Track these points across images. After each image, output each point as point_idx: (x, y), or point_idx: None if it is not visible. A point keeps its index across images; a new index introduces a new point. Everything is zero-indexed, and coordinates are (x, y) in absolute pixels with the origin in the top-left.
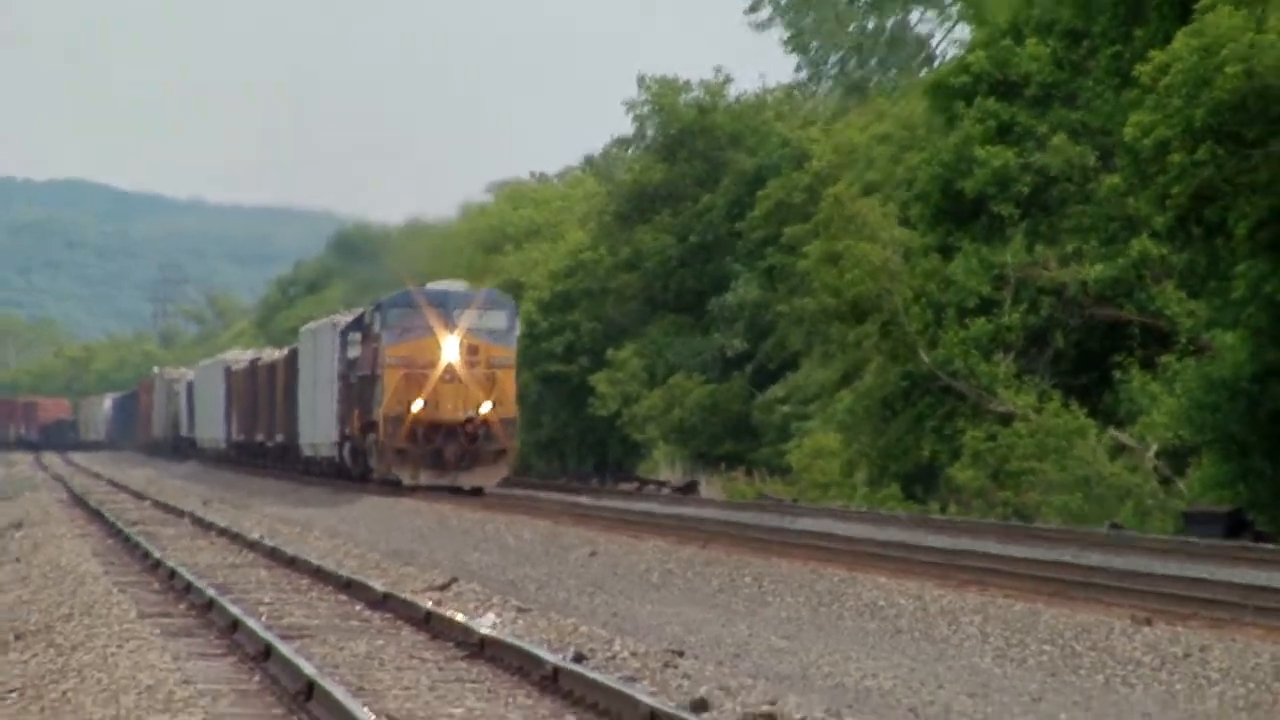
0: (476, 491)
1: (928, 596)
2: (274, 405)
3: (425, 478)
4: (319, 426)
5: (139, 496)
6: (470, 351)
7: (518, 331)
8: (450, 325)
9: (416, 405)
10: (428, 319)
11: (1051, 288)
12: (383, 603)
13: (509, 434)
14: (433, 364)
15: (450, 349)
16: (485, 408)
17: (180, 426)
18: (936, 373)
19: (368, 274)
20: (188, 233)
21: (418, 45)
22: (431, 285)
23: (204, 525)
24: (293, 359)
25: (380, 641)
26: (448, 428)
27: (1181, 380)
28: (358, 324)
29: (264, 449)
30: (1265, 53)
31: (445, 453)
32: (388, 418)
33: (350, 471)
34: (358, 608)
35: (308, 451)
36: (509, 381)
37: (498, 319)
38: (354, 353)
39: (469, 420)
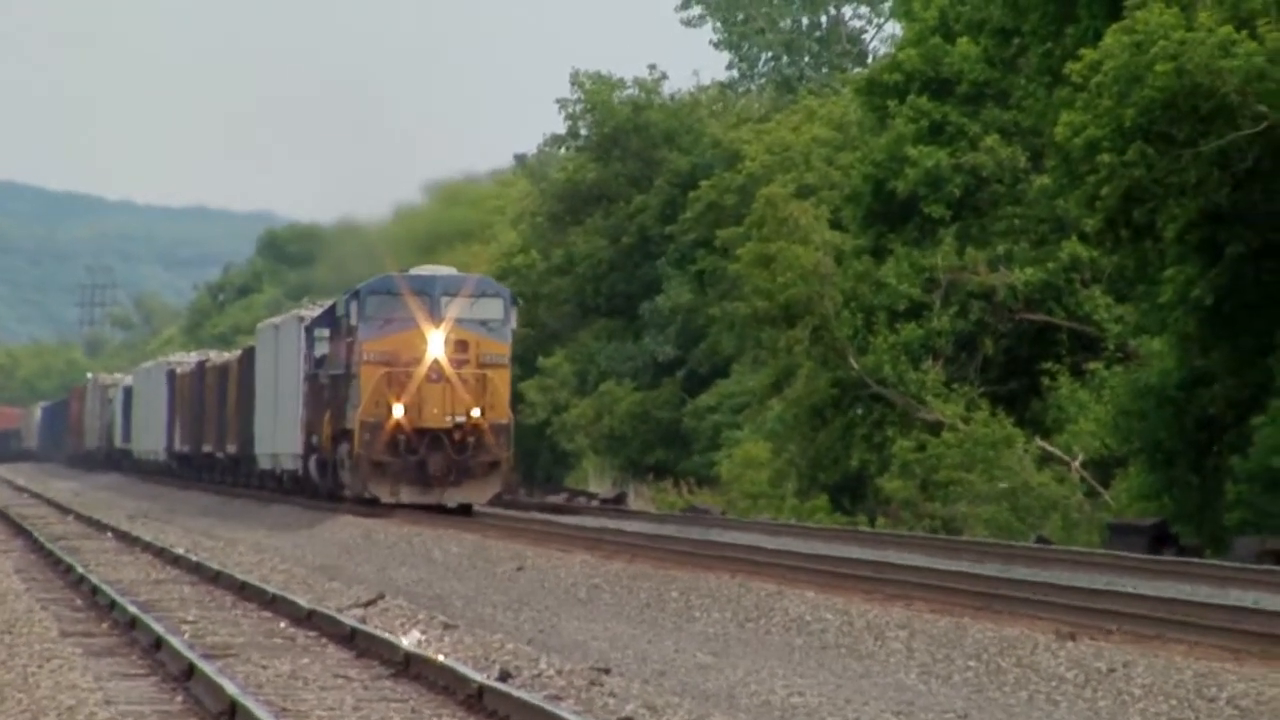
0: (464, 510)
1: (854, 611)
2: (225, 412)
3: (407, 495)
4: (280, 436)
5: (63, 510)
6: (459, 347)
7: (514, 324)
8: (437, 316)
9: (398, 410)
10: (411, 309)
11: (981, 292)
12: (307, 620)
13: (503, 443)
14: (417, 361)
15: (437, 344)
16: (476, 412)
17: (115, 437)
18: (866, 380)
19: (299, 277)
20: (116, 234)
21: (350, 44)
22: (416, 270)
23: (129, 540)
24: (248, 359)
25: (305, 660)
26: (433, 436)
27: (1109, 388)
28: (328, 317)
29: (212, 461)
30: (1195, 50)
31: (430, 465)
32: (364, 424)
33: (317, 487)
34: (282, 625)
35: (266, 464)
36: (504, 382)
37: (491, 309)
38: (323, 350)
39: (458, 427)
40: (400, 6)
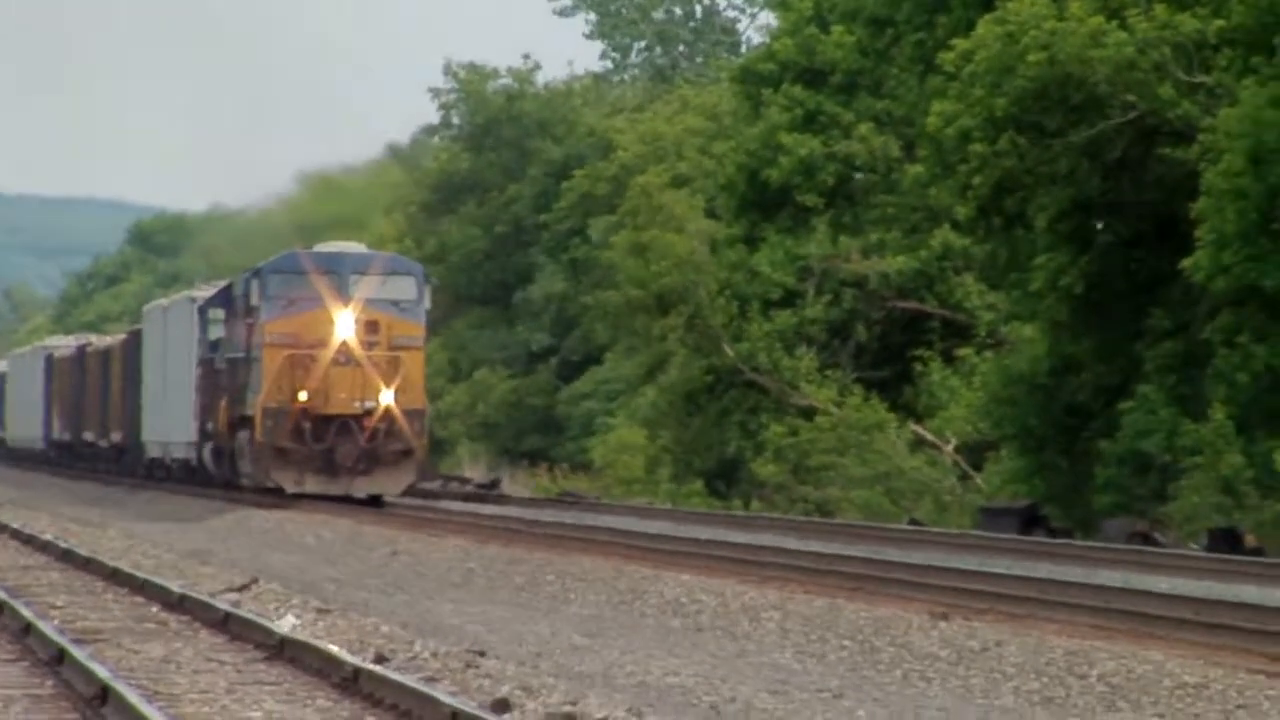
0: (375, 502)
1: (729, 593)
2: (108, 398)
3: (312, 484)
4: (170, 423)
5: None
6: (370, 328)
7: (428, 304)
8: (345, 296)
9: (302, 395)
10: (317, 288)
11: (854, 280)
12: (180, 604)
13: (417, 430)
14: (323, 343)
15: (345, 325)
16: (387, 397)
17: None
18: (740, 366)
19: (169, 266)
20: None
21: (220, 29)
22: (322, 247)
23: None
24: (134, 343)
25: (177, 644)
26: (341, 423)
27: (980, 374)
28: (224, 297)
29: (95, 450)
30: (1066, 40)
31: (338, 454)
32: (267, 410)
33: (213, 477)
34: (154, 609)
35: (155, 452)
36: (417, 365)
37: (404, 288)
38: (219, 333)
39: (368, 413)
40: None
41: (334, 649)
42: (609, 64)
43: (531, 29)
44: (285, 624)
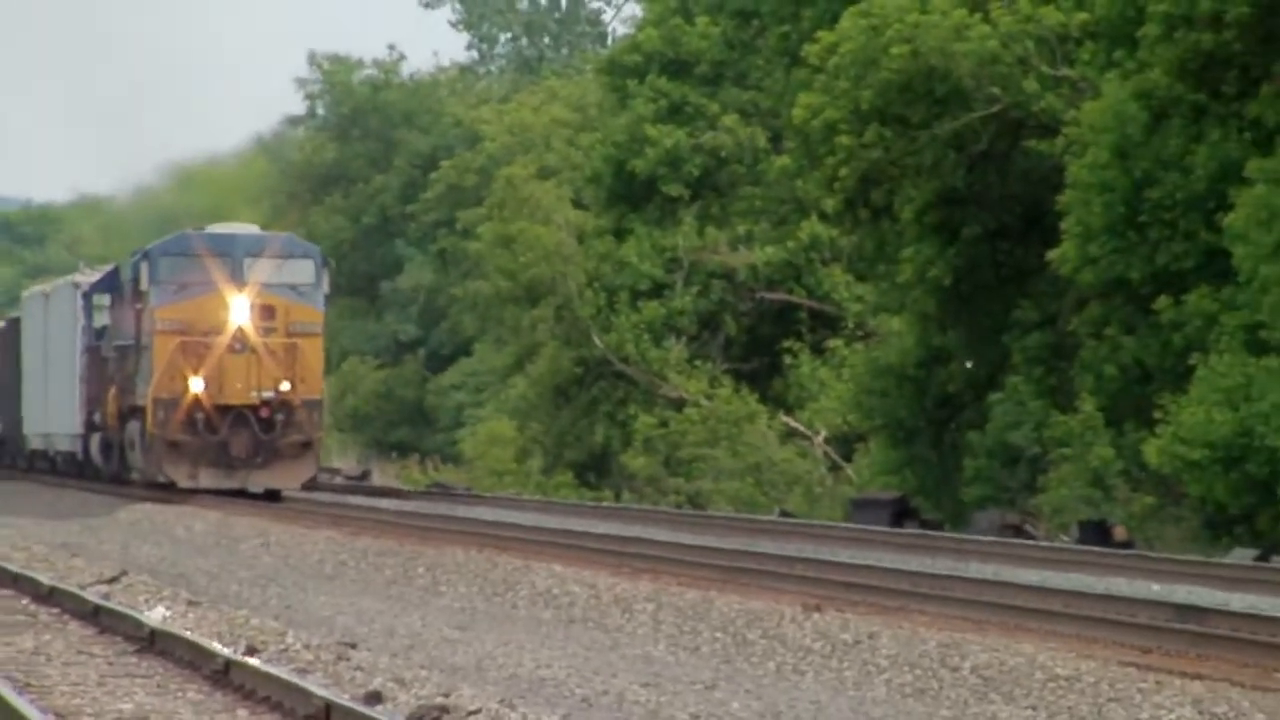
0: (273, 496)
1: (601, 585)
2: None
3: (206, 478)
4: (53, 414)
5: None
6: (266, 313)
7: (326, 288)
8: (239, 280)
9: (196, 384)
10: (210, 272)
11: (722, 271)
12: (49, 597)
13: (315, 421)
14: (217, 330)
15: (240, 310)
16: (286, 386)
17: None
18: (609, 358)
19: (37, 258)
20: None
21: (90, 14)
22: (214, 228)
23: None
24: (12, 331)
25: (47, 636)
26: (237, 413)
27: (849, 366)
28: (110, 281)
29: None
30: (929, 33)
31: (233, 446)
32: (158, 400)
33: (99, 470)
34: (24, 602)
35: (37, 444)
36: (315, 353)
37: (301, 271)
38: (104, 320)
39: (265, 403)
40: None
41: (205, 640)
42: (475, 55)
43: (398, 20)
44: (156, 616)
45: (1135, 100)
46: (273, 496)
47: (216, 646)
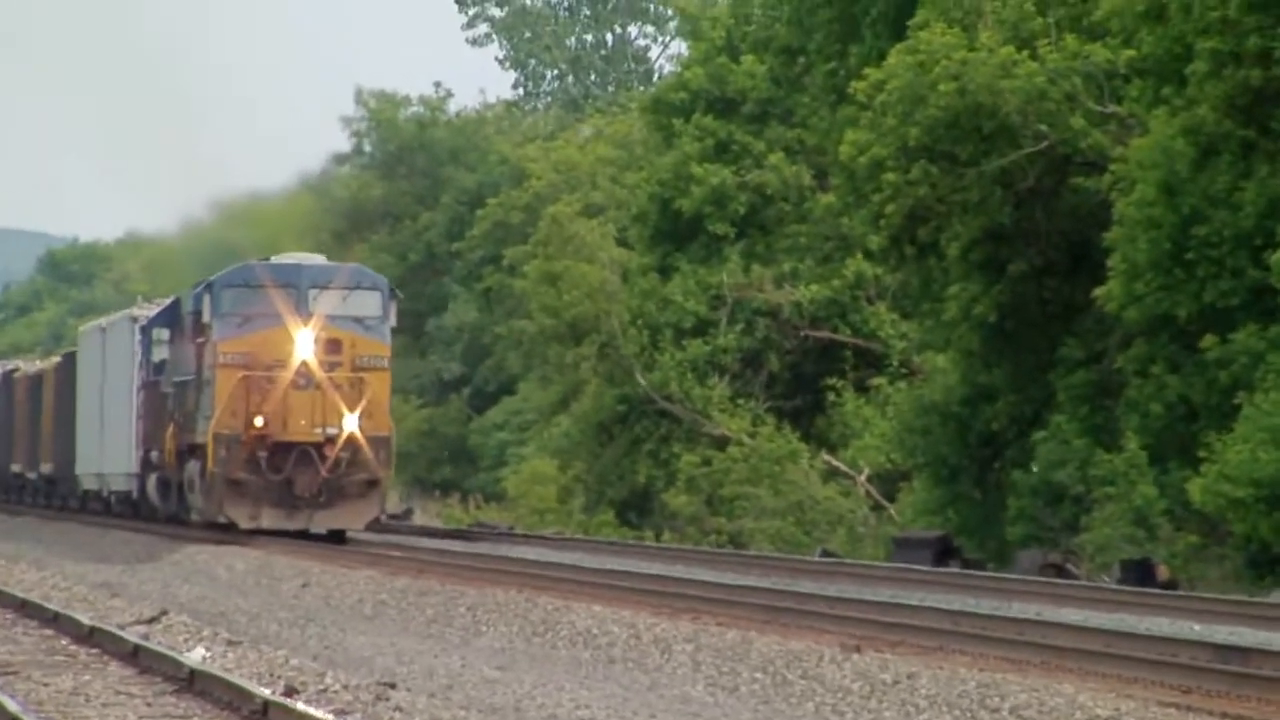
0: (336, 538)
1: (641, 625)
2: (38, 427)
3: (269, 519)
4: (108, 453)
5: None
6: (331, 347)
7: (394, 320)
8: (304, 312)
9: (259, 420)
10: (274, 304)
11: (767, 309)
12: (89, 636)
13: (382, 459)
14: (281, 364)
15: (305, 344)
16: (351, 423)
17: None
18: (653, 396)
19: (84, 295)
20: None
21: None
22: (279, 258)
23: None
24: (67, 367)
25: (87, 677)
26: (301, 451)
27: (893, 404)
28: (169, 315)
29: (23, 482)
30: (977, 70)
31: (297, 485)
32: (219, 437)
33: (156, 510)
34: (64, 642)
35: (90, 484)
36: (382, 388)
37: (368, 303)
38: (163, 354)
39: (329, 441)
40: (185, 19)
41: (244, 681)
42: (521, 92)
43: (445, 57)
44: (195, 656)
45: (1183, 137)
46: (336, 538)
47: (255, 687)
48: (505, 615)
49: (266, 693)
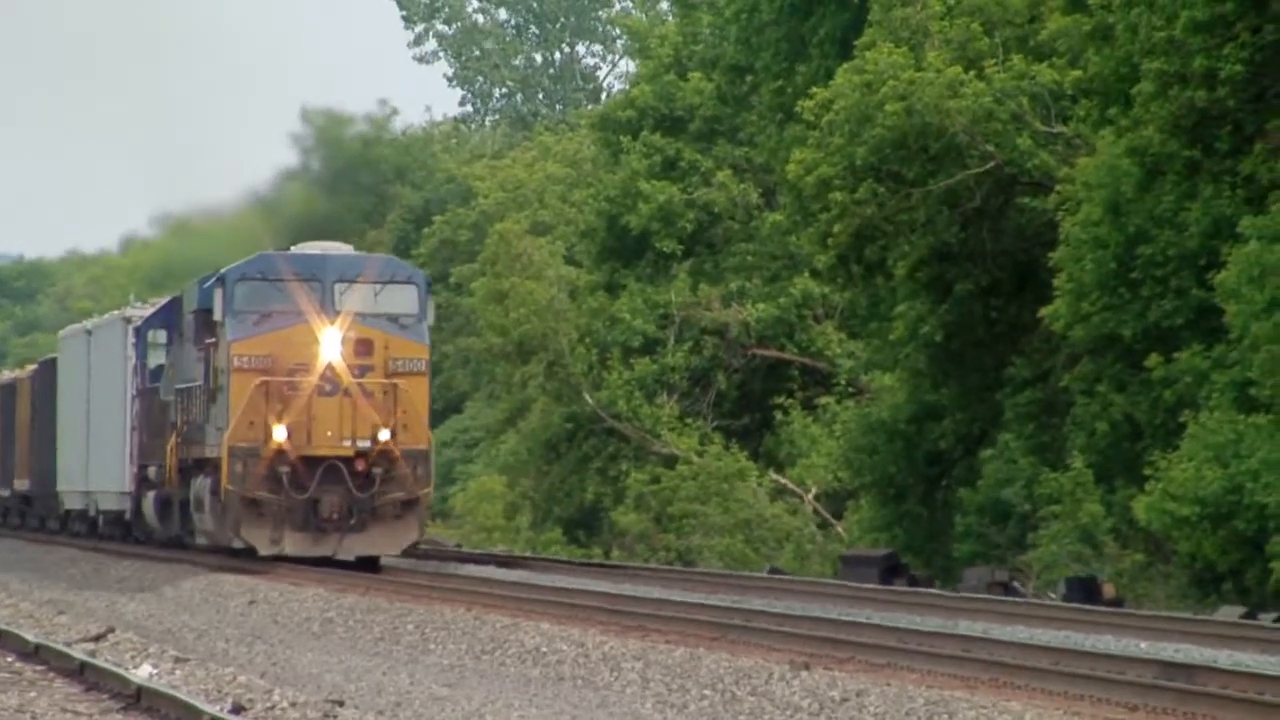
0: (369, 565)
1: (590, 642)
2: (13, 440)
3: (292, 544)
4: (96, 469)
5: None
6: (362, 349)
7: (431, 319)
8: (330, 309)
9: (280, 432)
10: (296, 300)
11: (714, 328)
12: (35, 654)
13: (420, 476)
14: (304, 367)
15: (331, 345)
16: (385, 435)
17: None
18: (601, 414)
19: (26, 313)
20: None
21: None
22: (302, 247)
23: None
24: (47, 375)
25: (33, 694)
26: (328, 466)
27: (840, 422)
28: (168, 315)
29: None
30: (924, 90)
31: (323, 505)
32: (234, 451)
33: (154, 533)
34: (9, 659)
35: (74, 503)
36: (420, 395)
37: (403, 299)
38: (160, 358)
39: (361, 454)
40: (125, 29)
41: (191, 698)
42: (468, 109)
43: (392, 75)
44: (142, 673)
45: (1129, 157)
46: (368, 565)
47: (203, 704)
48: (453, 633)
49: (214, 710)
